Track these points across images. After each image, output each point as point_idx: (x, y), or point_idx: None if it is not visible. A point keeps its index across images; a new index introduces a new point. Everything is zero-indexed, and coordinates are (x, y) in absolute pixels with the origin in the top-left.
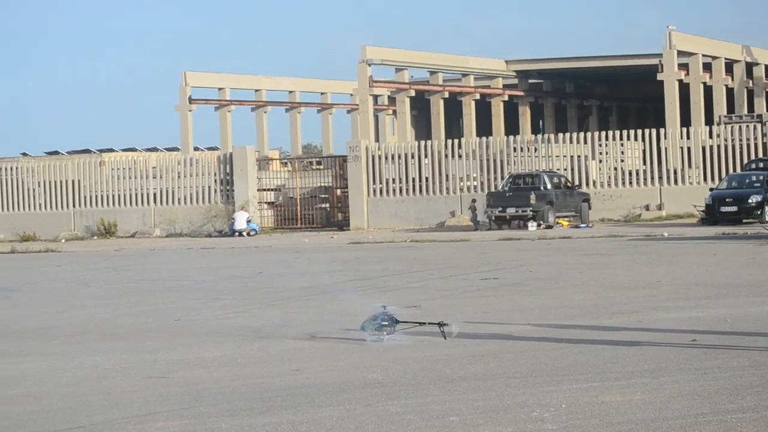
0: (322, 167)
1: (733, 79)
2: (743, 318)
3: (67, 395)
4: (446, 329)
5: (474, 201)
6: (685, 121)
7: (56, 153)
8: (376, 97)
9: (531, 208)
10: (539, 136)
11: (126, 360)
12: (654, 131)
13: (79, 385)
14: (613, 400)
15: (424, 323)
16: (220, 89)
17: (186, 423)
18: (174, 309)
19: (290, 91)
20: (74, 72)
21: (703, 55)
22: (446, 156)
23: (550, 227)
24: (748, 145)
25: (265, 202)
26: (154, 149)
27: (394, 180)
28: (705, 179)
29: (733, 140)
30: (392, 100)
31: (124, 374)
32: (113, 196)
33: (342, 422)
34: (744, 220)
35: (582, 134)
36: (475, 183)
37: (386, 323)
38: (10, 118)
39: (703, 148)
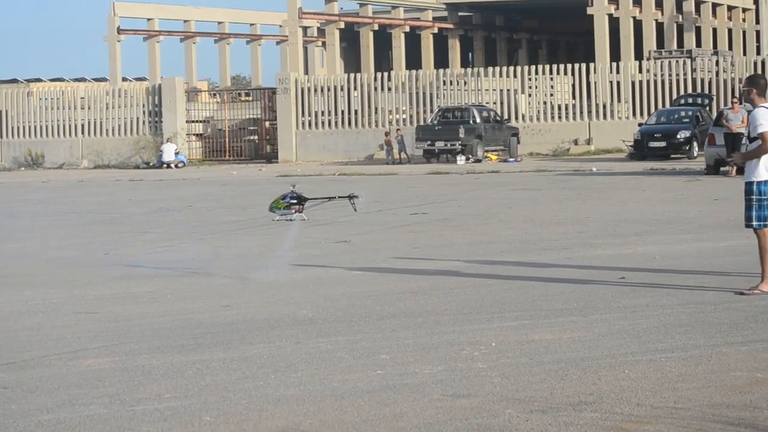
0: (251, 99)
1: (662, 14)
2: (672, 255)
3: None
4: (356, 201)
5: (387, 135)
6: (615, 55)
7: None
8: (305, 29)
9: (460, 142)
10: (469, 70)
11: (55, 295)
12: (584, 66)
13: (8, 320)
14: (543, 338)
15: (334, 197)
16: (149, 20)
17: (116, 360)
18: (103, 242)
19: (219, 22)
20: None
21: None
22: (376, 89)
23: (478, 161)
24: (678, 81)
25: (194, 134)
26: (82, 79)
27: (323, 113)
28: (634, 114)
29: (662, 75)
30: (322, 32)
31: (53, 309)
32: (41, 126)
33: (272, 360)
34: (672, 156)
35: (512, 68)
36: (404, 116)
37: (295, 201)
38: None
39: (633, 83)
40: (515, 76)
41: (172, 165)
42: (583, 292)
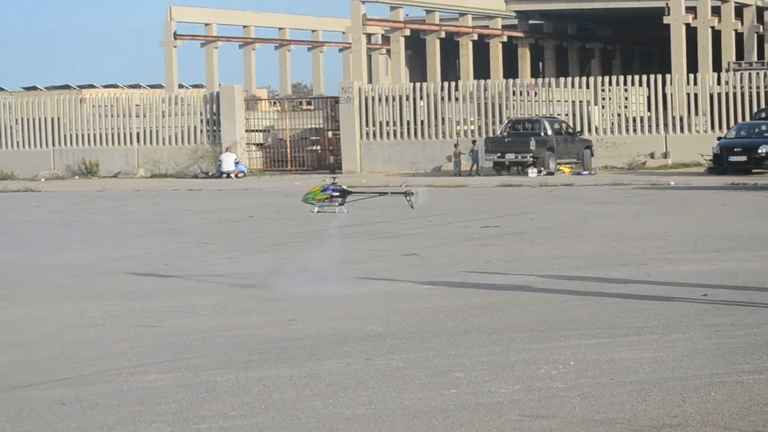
0: (312, 108)
1: (742, 24)
2: (756, 272)
3: (53, 344)
4: (413, 198)
5: (457, 146)
6: (692, 66)
7: (34, 88)
8: (369, 36)
9: (531, 155)
10: (539, 80)
11: (114, 307)
12: (659, 77)
13: (66, 333)
14: (624, 357)
15: (386, 192)
16: (206, 25)
17: (179, 375)
18: (161, 253)
19: (280, 28)
20: (55, 3)
21: None
22: (442, 99)
23: (551, 174)
24: (758, 94)
25: (254, 144)
26: (137, 86)
27: (388, 123)
28: (712, 128)
29: (742, 88)
30: (386, 39)
31: (112, 322)
32: (95, 134)
33: (342, 377)
34: (753, 170)
35: (584, 79)
36: (473, 127)
37: (337, 193)
38: None
39: (711, 96)
40: (588, 87)
41: (232, 175)
42: (664, 310)
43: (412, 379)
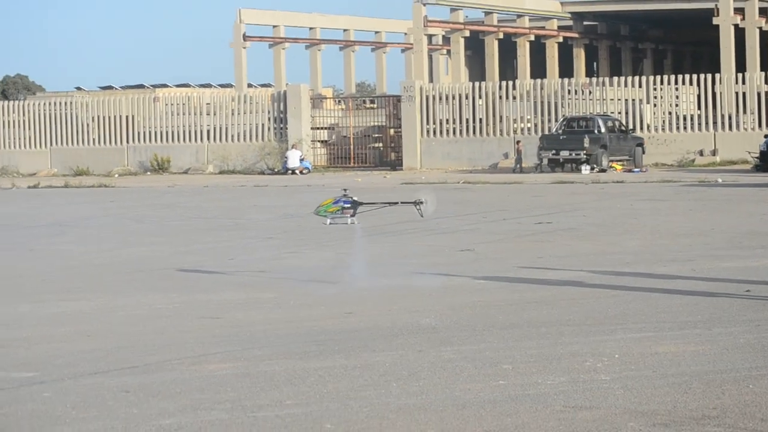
0: (375, 106)
1: None
2: None
3: (120, 334)
4: (422, 207)
5: (519, 143)
6: (741, 66)
7: (110, 88)
8: (430, 37)
9: (585, 152)
10: (594, 79)
11: (179, 299)
12: (709, 76)
13: (133, 324)
14: (667, 350)
15: (397, 203)
16: (274, 27)
17: (239, 365)
18: (228, 248)
19: (344, 30)
20: (129, 6)
21: (760, 0)
22: (500, 97)
23: (603, 171)
24: None
25: (318, 141)
26: (207, 86)
27: (447, 121)
28: (760, 125)
29: None
30: (446, 40)
31: (177, 314)
32: (167, 132)
33: (395, 368)
34: None
35: (636, 78)
36: (529, 125)
37: (349, 205)
38: (65, 53)
39: (759, 94)
40: (640, 86)
41: (297, 171)
42: (708, 305)
43: (463, 370)
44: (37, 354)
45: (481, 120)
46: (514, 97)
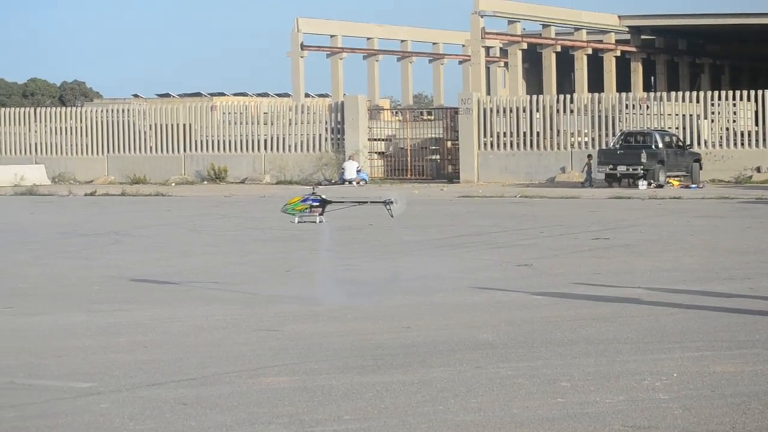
0: (432, 118)
1: None
2: None
3: (177, 345)
4: (392, 207)
5: (590, 157)
6: None
7: (167, 95)
8: (488, 49)
9: (642, 167)
10: (651, 94)
11: (236, 311)
12: (767, 92)
13: (189, 335)
14: (725, 370)
15: (366, 202)
16: (332, 36)
17: (296, 379)
18: (284, 259)
19: (402, 40)
20: (188, 15)
21: None
22: (558, 111)
23: (660, 186)
24: None
25: (376, 152)
26: (264, 95)
27: (504, 134)
28: None
29: None
30: (504, 52)
31: (234, 326)
32: (223, 141)
33: (452, 384)
34: None
35: (694, 93)
36: (586, 139)
37: (317, 203)
38: (123, 59)
39: None
40: (698, 101)
41: (354, 182)
42: (766, 324)
43: (520, 387)
44: (94, 364)
45: (538, 133)
46: (572, 111)
